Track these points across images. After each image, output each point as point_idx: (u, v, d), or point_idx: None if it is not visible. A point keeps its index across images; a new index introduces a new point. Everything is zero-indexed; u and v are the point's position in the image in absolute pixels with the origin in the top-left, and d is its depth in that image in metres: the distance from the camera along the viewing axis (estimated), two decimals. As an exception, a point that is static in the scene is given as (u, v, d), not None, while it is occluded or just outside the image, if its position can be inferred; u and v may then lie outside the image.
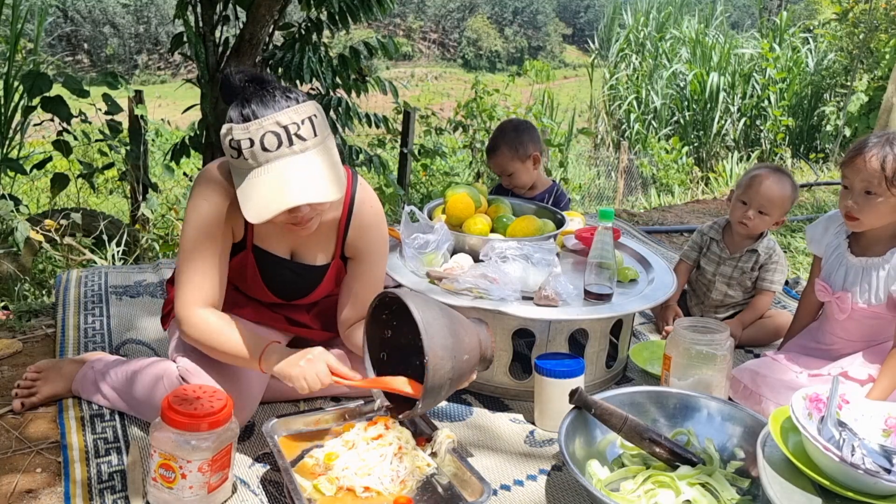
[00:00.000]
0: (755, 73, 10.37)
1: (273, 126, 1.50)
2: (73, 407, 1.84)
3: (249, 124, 1.51)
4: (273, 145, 1.50)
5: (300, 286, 1.84)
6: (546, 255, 2.02)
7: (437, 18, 29.36)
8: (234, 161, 1.54)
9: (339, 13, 4.22)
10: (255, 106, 1.52)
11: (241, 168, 1.54)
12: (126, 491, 1.55)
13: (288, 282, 1.82)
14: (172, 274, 1.96)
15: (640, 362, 2.18)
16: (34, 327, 2.33)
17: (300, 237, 1.77)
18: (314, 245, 1.81)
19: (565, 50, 30.05)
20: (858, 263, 1.94)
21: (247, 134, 1.50)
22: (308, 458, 1.58)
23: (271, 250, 1.77)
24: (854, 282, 1.95)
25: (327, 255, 1.84)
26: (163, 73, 22.33)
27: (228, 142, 1.53)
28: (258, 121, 1.50)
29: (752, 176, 2.33)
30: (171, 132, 7.37)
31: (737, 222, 2.33)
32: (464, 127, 6.74)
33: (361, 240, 1.82)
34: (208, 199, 1.64)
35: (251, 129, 1.50)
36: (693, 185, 8.22)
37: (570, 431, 1.61)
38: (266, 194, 1.50)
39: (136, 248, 3.83)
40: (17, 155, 3.91)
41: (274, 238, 1.76)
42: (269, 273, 1.79)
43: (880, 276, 1.90)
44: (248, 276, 1.79)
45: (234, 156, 1.53)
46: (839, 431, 1.49)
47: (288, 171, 1.51)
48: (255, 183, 1.51)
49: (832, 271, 2.01)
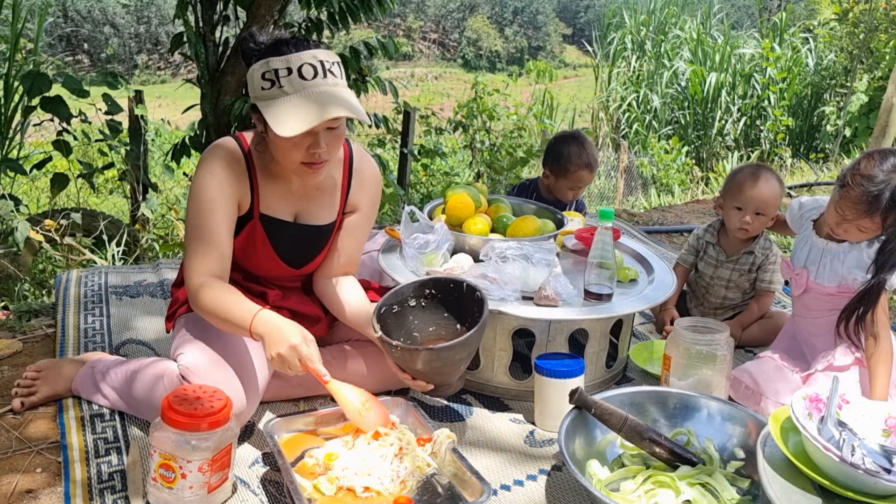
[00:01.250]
0: (755, 73, 10.38)
1: (310, 59, 1.61)
2: (73, 407, 1.84)
3: (289, 55, 1.61)
4: (310, 74, 1.61)
5: (308, 249, 1.89)
6: (546, 255, 2.02)
7: (437, 18, 29.37)
8: (266, 91, 1.62)
9: (339, 13, 4.21)
10: (291, 45, 1.63)
11: (274, 96, 1.61)
12: (126, 491, 1.55)
13: (296, 244, 1.86)
14: (177, 277, 1.97)
15: (640, 362, 2.18)
16: (34, 327, 2.33)
17: (305, 196, 1.83)
18: (318, 205, 1.86)
19: (565, 50, 30.06)
20: (820, 244, 2.00)
21: (286, 63, 1.60)
22: (308, 458, 1.58)
23: (277, 215, 1.81)
24: (813, 260, 2.01)
25: (332, 214, 1.89)
26: (163, 73, 22.34)
27: (262, 74, 1.61)
28: (297, 53, 1.61)
29: (738, 182, 2.32)
30: (171, 132, 7.37)
31: (736, 229, 2.33)
32: (464, 127, 6.74)
33: (361, 195, 1.91)
34: (213, 173, 1.70)
35: (291, 59, 1.60)
36: (693, 185, 8.22)
37: (570, 431, 1.61)
38: (305, 110, 1.59)
39: (136, 248, 3.83)
40: (17, 155, 3.91)
41: (279, 203, 1.81)
42: (276, 238, 1.83)
43: (837, 260, 1.96)
44: (257, 245, 1.82)
45: (268, 86, 1.61)
46: (839, 431, 1.50)
47: (324, 94, 1.61)
48: (292, 104, 1.60)
49: (799, 247, 2.08)
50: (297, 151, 1.65)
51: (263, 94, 1.62)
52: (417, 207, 2.23)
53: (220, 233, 1.70)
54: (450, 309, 1.86)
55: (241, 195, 1.74)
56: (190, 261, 1.69)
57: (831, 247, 1.98)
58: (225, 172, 1.71)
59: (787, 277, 2.12)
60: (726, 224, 2.38)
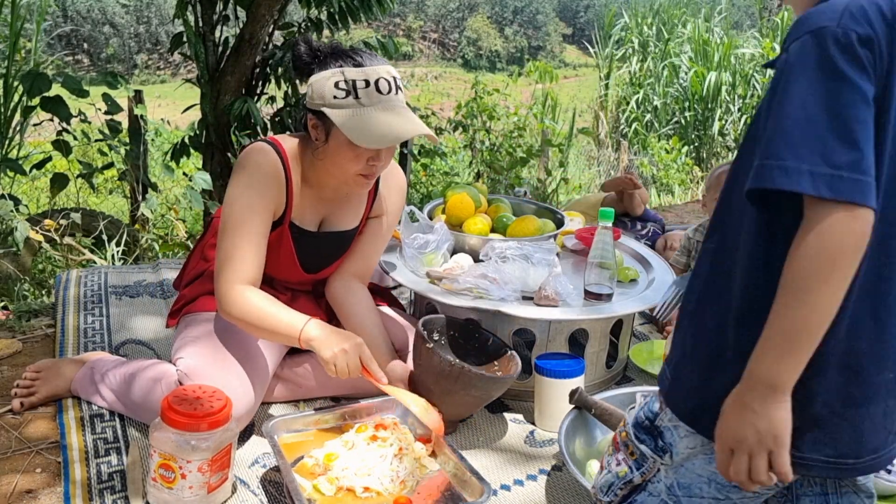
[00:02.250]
0: (755, 72, 10.37)
1: (385, 74, 1.67)
2: (72, 407, 1.83)
3: (365, 68, 1.65)
4: (385, 89, 1.66)
5: (329, 255, 1.91)
6: (546, 255, 2.02)
7: (437, 18, 29.37)
8: (340, 101, 1.64)
9: (339, 13, 4.22)
10: (364, 56, 1.67)
11: (349, 105, 1.64)
12: (126, 491, 1.55)
13: (318, 252, 1.88)
14: (186, 275, 1.96)
15: (640, 362, 2.18)
16: (34, 327, 2.33)
17: (335, 202, 1.86)
18: (345, 211, 1.89)
19: (565, 50, 30.06)
20: None
21: (363, 76, 1.64)
22: (308, 459, 1.58)
23: (304, 225, 1.83)
24: None
25: (356, 220, 1.91)
26: (163, 72, 22.33)
27: (335, 83, 1.64)
28: (373, 67, 1.66)
29: (718, 175, 2.33)
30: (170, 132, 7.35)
31: None
32: (464, 127, 6.73)
33: (388, 200, 1.96)
34: (254, 178, 1.71)
35: (368, 72, 1.65)
36: (693, 184, 8.22)
37: (570, 431, 1.61)
38: (385, 128, 1.63)
39: (135, 248, 3.83)
40: (17, 155, 3.91)
41: (309, 211, 1.83)
42: (301, 246, 1.84)
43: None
44: (281, 251, 1.82)
45: (342, 95, 1.64)
46: (839, 431, 1.49)
47: (401, 111, 1.67)
48: (372, 116, 1.64)
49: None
50: (358, 163, 1.68)
51: (336, 103, 1.64)
52: (417, 207, 2.23)
53: (258, 240, 1.69)
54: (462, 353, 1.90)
55: (277, 203, 1.75)
56: (225, 266, 1.67)
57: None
58: (265, 179, 1.71)
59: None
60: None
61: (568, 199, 6.76)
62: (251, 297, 1.65)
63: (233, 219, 1.68)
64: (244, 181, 1.70)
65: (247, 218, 1.68)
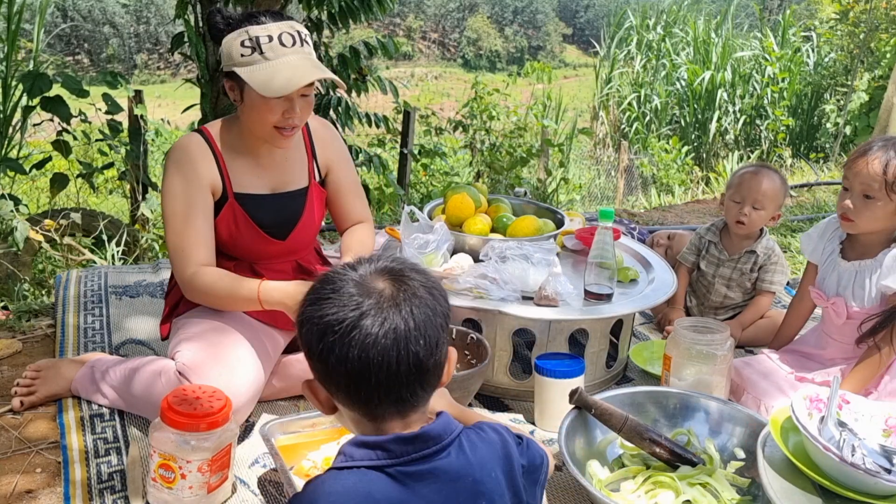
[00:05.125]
0: (755, 72, 10.37)
1: (288, 28, 1.72)
2: (72, 407, 1.83)
3: (268, 25, 1.71)
4: (289, 42, 1.71)
5: (288, 216, 1.93)
6: (546, 255, 2.02)
7: (437, 18, 29.38)
8: (247, 58, 1.70)
9: (339, 13, 4.21)
10: (268, 16, 1.73)
11: (255, 61, 1.70)
12: (126, 491, 1.55)
13: (276, 214, 1.90)
14: (168, 285, 1.97)
15: (640, 362, 2.18)
16: (34, 327, 2.33)
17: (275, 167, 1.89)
18: (289, 172, 1.92)
19: (565, 50, 30.07)
20: (851, 268, 1.94)
21: (266, 31, 1.70)
22: (305, 462, 1.58)
23: (252, 191, 1.86)
24: (847, 286, 1.94)
25: (303, 178, 1.95)
26: (163, 72, 22.34)
27: (241, 42, 1.70)
28: (276, 23, 1.71)
29: (740, 175, 2.34)
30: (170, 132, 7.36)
31: (734, 222, 2.33)
32: (464, 127, 6.74)
33: (327, 151, 1.99)
34: (182, 168, 1.77)
35: (270, 28, 1.70)
36: (693, 184, 8.22)
37: (570, 431, 1.61)
38: (287, 74, 1.68)
39: (135, 248, 3.83)
40: (17, 155, 3.91)
41: (250, 179, 1.86)
42: (255, 212, 1.86)
43: (872, 279, 1.90)
44: (239, 225, 1.85)
45: (248, 53, 1.70)
46: (839, 431, 1.49)
47: (303, 60, 1.72)
48: (273, 69, 1.69)
49: (825, 276, 2.01)
50: (273, 115, 1.73)
51: (243, 60, 1.70)
52: (417, 207, 2.23)
53: (199, 222, 1.76)
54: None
55: (211, 179, 1.79)
56: (176, 256, 1.75)
57: (863, 265, 1.91)
58: (189, 159, 1.78)
59: (820, 305, 2.04)
60: (726, 218, 2.38)
61: (568, 198, 6.76)
62: (206, 278, 1.73)
63: (169, 210, 1.77)
64: (171, 171, 1.78)
65: (180, 204, 1.75)
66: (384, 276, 1.02)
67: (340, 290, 1.00)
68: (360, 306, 0.97)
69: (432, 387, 1.04)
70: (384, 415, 1.01)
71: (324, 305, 0.99)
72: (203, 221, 1.77)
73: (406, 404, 1.01)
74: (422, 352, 0.98)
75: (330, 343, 0.97)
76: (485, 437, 1.06)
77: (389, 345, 0.96)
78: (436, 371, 1.02)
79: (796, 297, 2.18)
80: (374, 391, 0.98)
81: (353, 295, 0.99)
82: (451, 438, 1.01)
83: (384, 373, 0.96)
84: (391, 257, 1.09)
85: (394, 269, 1.04)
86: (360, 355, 0.96)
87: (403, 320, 0.97)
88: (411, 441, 0.99)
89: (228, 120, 1.87)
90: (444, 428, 1.02)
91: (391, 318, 0.97)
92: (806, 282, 2.12)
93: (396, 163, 6.01)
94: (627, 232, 2.90)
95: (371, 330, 0.96)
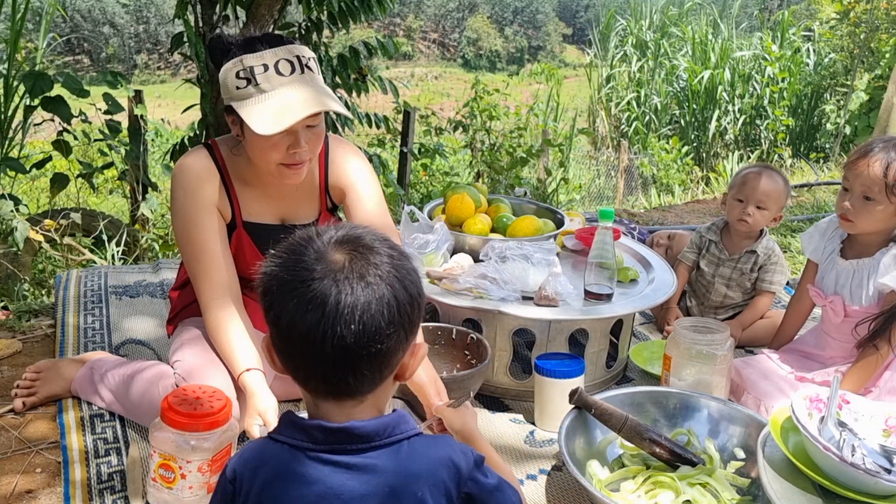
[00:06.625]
0: (755, 72, 10.37)
1: (286, 54, 1.56)
2: (72, 407, 1.83)
3: (263, 52, 1.55)
4: (287, 70, 1.55)
5: None
6: (546, 255, 2.02)
7: (436, 18, 29.38)
8: (241, 91, 1.55)
9: (339, 13, 4.21)
10: (265, 42, 1.57)
11: (249, 95, 1.55)
12: (126, 491, 1.55)
13: None
14: (176, 280, 1.96)
15: (640, 362, 2.18)
16: (34, 327, 2.33)
17: (285, 197, 1.79)
18: (299, 204, 1.83)
19: (565, 50, 30.07)
20: (849, 266, 1.94)
21: (261, 60, 1.54)
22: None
23: (261, 221, 1.79)
24: (845, 284, 1.95)
25: (313, 211, 1.86)
26: (162, 73, 22.34)
27: (236, 73, 1.55)
28: (272, 49, 1.56)
29: (744, 175, 2.34)
30: (170, 132, 7.37)
31: (736, 220, 2.33)
32: (464, 127, 6.73)
33: (341, 178, 1.83)
34: (187, 190, 1.68)
35: (266, 56, 1.55)
36: (693, 184, 8.22)
37: (570, 431, 1.61)
38: (284, 107, 1.52)
39: (135, 247, 3.83)
40: (18, 155, 3.91)
41: (260, 208, 1.78)
42: (264, 243, 1.79)
43: (870, 278, 1.90)
44: (246, 253, 1.79)
45: (243, 85, 1.55)
46: (839, 431, 1.50)
47: (302, 90, 1.55)
48: (269, 102, 1.53)
49: (824, 275, 2.02)
50: (277, 152, 1.59)
51: (239, 94, 1.56)
52: (417, 207, 2.23)
53: (212, 248, 1.68)
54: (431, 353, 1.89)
55: (220, 205, 1.72)
56: (197, 283, 1.69)
57: (861, 264, 1.92)
58: (197, 182, 1.68)
59: (819, 304, 2.04)
60: (728, 217, 2.38)
61: (568, 198, 6.76)
62: (211, 320, 1.65)
63: (182, 235, 1.69)
64: (179, 192, 1.69)
65: (193, 229, 1.67)
66: (346, 248, 0.94)
67: (295, 250, 0.94)
68: (297, 274, 0.91)
69: (372, 379, 0.94)
70: (316, 391, 0.95)
71: (274, 261, 0.95)
72: (215, 245, 1.68)
73: (337, 388, 0.93)
74: (351, 337, 0.89)
75: (267, 302, 0.94)
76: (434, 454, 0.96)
77: (314, 321, 0.89)
78: (376, 362, 0.93)
79: (795, 295, 2.18)
80: (301, 365, 0.93)
81: (300, 259, 0.92)
82: (386, 442, 0.94)
83: (308, 348, 0.90)
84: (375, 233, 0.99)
85: (364, 244, 0.95)
86: (288, 322, 0.91)
87: (336, 299, 0.89)
88: (333, 433, 0.93)
89: (238, 145, 1.74)
90: (381, 428, 0.94)
91: (327, 291, 0.89)
92: (805, 280, 2.12)
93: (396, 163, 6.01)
94: (627, 232, 2.90)
95: (302, 298, 0.90)
